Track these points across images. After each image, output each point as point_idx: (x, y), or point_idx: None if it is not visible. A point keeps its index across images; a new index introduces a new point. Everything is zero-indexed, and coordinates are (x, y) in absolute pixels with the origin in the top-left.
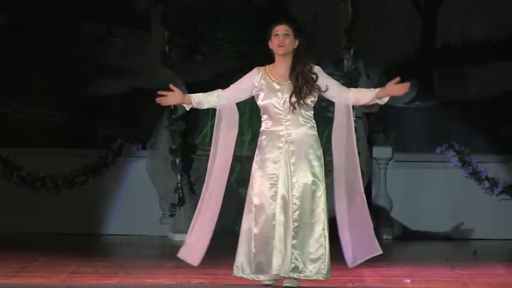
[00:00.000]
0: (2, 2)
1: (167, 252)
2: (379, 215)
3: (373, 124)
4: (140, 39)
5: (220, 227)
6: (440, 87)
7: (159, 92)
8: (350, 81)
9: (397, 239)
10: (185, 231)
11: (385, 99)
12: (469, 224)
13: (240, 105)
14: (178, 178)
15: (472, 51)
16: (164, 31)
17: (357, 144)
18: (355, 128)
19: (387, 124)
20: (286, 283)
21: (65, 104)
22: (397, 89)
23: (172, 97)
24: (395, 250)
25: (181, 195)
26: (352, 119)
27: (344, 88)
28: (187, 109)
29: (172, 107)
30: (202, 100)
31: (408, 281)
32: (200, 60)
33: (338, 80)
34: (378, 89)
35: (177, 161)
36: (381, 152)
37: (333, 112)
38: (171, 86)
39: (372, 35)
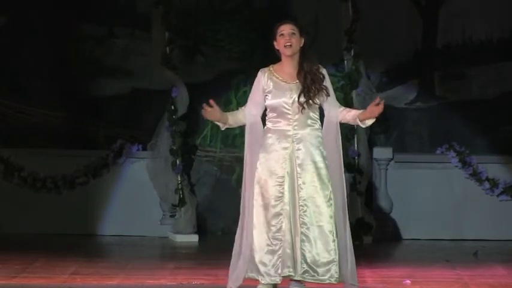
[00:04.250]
0: (2, 2)
1: (168, 253)
2: (379, 216)
3: (374, 125)
4: (141, 40)
5: (220, 227)
6: (441, 87)
7: (205, 105)
8: (350, 82)
9: (397, 239)
10: (186, 232)
11: (368, 122)
12: (470, 224)
13: None
14: (179, 179)
15: (473, 52)
16: (165, 32)
17: (358, 145)
18: (355, 129)
19: (388, 125)
20: (292, 286)
21: (65, 104)
22: (378, 110)
23: (210, 113)
24: (395, 251)
25: (181, 196)
26: (340, 136)
27: (337, 103)
28: (222, 128)
29: (172, 107)
30: (234, 120)
31: (409, 281)
32: (201, 61)
33: (338, 81)
34: (360, 111)
35: (178, 161)
36: (382, 152)
37: None
38: (211, 101)
39: (373, 36)
